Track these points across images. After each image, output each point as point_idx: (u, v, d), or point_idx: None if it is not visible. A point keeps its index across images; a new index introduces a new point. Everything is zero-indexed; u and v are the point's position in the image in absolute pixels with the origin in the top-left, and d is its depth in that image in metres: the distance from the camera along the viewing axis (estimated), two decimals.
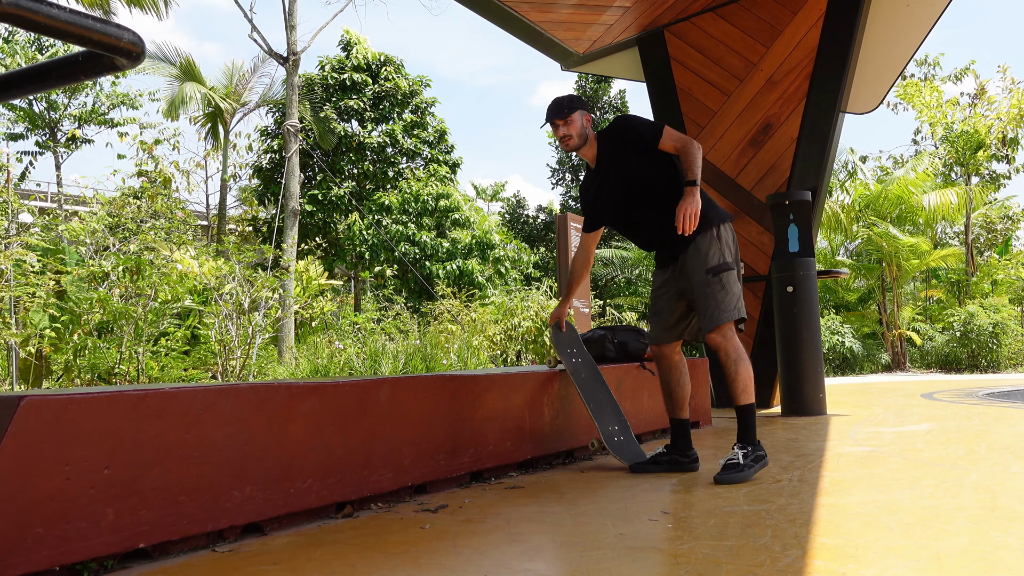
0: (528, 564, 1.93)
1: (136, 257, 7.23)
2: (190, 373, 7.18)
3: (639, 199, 3.27)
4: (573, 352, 3.72)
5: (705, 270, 3.11)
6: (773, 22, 6.30)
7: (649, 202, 3.26)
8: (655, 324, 3.38)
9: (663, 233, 3.23)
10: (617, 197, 3.33)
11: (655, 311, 3.38)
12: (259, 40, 13.76)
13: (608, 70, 7.37)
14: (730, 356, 3.13)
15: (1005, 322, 14.20)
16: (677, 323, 3.31)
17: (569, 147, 3.35)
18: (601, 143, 3.36)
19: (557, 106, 3.32)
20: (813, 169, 6.12)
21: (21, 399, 1.78)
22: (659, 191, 3.23)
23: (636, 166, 3.24)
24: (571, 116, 3.30)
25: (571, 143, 3.33)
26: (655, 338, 3.39)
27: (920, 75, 18.90)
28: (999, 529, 2.13)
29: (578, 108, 3.33)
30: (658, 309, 3.35)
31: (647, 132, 3.24)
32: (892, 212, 15.70)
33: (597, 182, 3.39)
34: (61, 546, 1.82)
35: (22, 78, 1.19)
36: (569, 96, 3.38)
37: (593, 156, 3.39)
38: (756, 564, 1.85)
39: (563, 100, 3.36)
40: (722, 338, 3.11)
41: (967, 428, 4.62)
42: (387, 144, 17.48)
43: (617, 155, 3.30)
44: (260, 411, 2.33)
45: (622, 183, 3.29)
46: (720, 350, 3.13)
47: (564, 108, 3.32)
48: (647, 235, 3.36)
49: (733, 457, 3.08)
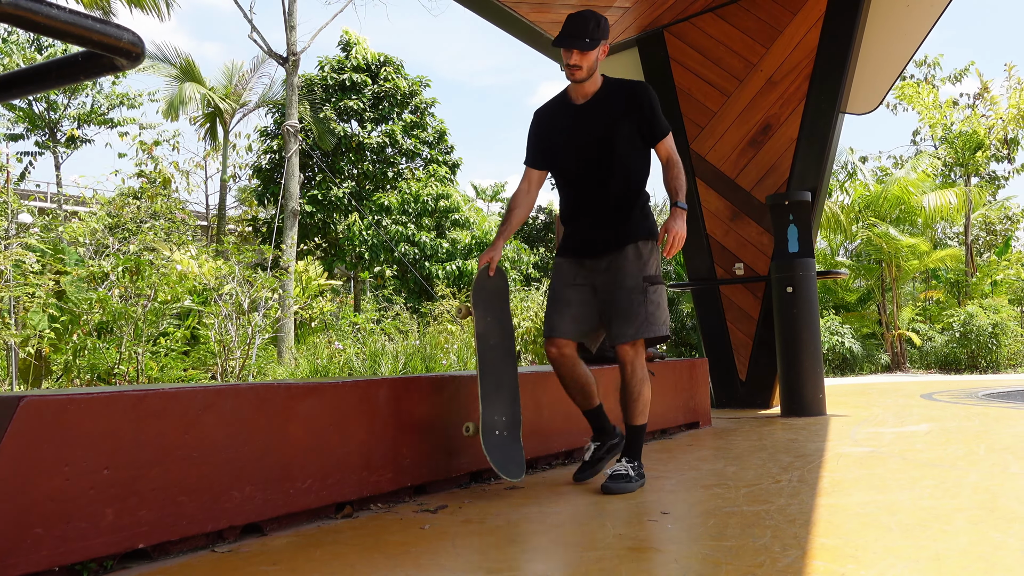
0: (528, 564, 1.93)
1: (136, 257, 7.23)
2: (189, 373, 7.18)
3: (609, 170, 2.93)
4: (493, 308, 3.01)
5: (643, 276, 2.89)
6: (773, 23, 6.30)
7: (618, 179, 2.93)
8: (561, 314, 2.96)
9: (616, 214, 2.93)
10: (590, 158, 2.95)
11: (563, 300, 2.98)
12: (259, 40, 13.76)
13: (608, 71, 7.30)
14: (636, 374, 2.90)
15: (1004, 323, 14.21)
16: (586, 320, 2.98)
17: (575, 78, 2.91)
18: (606, 91, 2.97)
19: (582, 27, 2.82)
20: (813, 169, 6.12)
21: (21, 399, 1.78)
22: (632, 174, 2.95)
23: (626, 140, 2.92)
24: (593, 48, 2.84)
25: (578, 75, 2.90)
26: (560, 329, 2.95)
27: (920, 76, 18.91)
28: (998, 530, 2.13)
29: (603, 39, 2.89)
30: (567, 299, 2.97)
31: (660, 121, 2.95)
32: (892, 213, 15.71)
33: (572, 124, 2.96)
34: (60, 546, 1.82)
35: (22, 78, 1.19)
36: (597, 18, 2.88)
37: (587, 95, 2.96)
38: (756, 565, 1.85)
39: (590, 22, 2.85)
40: (635, 353, 2.88)
41: (967, 429, 4.62)
42: (387, 144, 17.49)
43: (618, 115, 2.92)
44: (260, 411, 2.33)
45: (602, 146, 2.92)
46: (629, 365, 2.88)
47: (589, 36, 2.83)
48: (598, 210, 2.96)
49: (622, 469, 2.87)
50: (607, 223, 2.95)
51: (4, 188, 10.34)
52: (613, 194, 2.94)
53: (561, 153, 3.01)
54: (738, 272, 6.46)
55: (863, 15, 6.03)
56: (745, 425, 5.19)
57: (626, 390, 2.92)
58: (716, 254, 6.56)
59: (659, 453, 3.95)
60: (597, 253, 2.96)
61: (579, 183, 3.01)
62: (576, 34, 2.83)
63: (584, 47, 2.83)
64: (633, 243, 2.91)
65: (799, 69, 6.20)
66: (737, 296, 6.52)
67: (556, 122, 3.02)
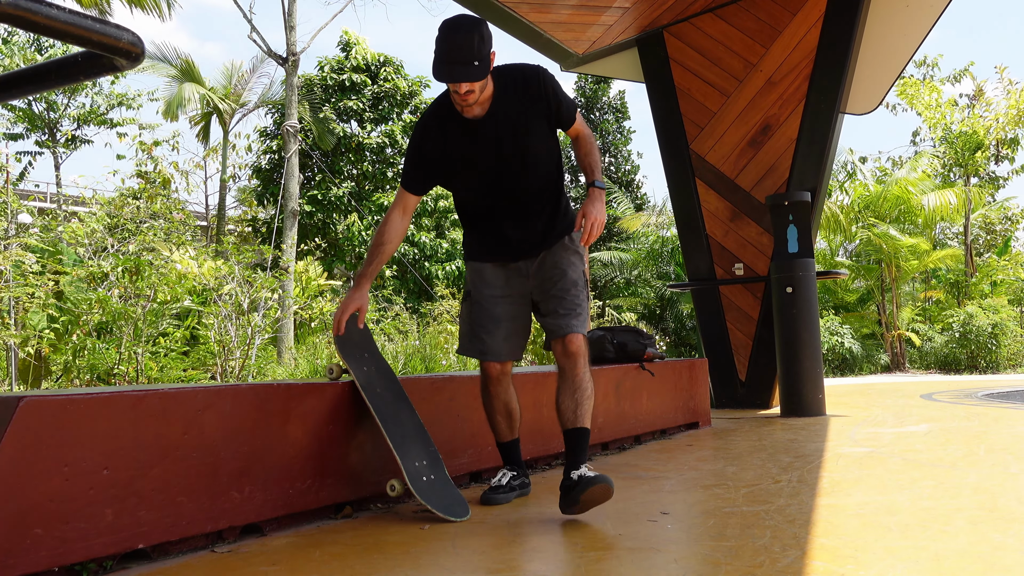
0: (528, 564, 1.93)
1: (135, 258, 7.23)
2: (189, 374, 7.18)
3: (528, 176, 2.58)
4: (365, 358, 2.72)
5: (582, 270, 2.64)
6: (772, 23, 6.30)
7: (539, 179, 2.61)
8: (493, 334, 2.66)
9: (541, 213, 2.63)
10: (503, 171, 2.55)
11: (492, 318, 2.66)
12: (258, 40, 13.77)
13: (607, 71, 7.38)
14: (588, 368, 2.55)
15: (1004, 323, 14.21)
16: (521, 333, 2.73)
17: (471, 106, 2.40)
18: (501, 92, 2.47)
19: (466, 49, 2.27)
20: (812, 170, 6.12)
21: (20, 400, 1.78)
22: (552, 170, 2.64)
23: (540, 139, 2.54)
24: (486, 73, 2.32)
25: (472, 99, 2.37)
26: (494, 351, 2.67)
27: (919, 76, 18.91)
28: (998, 530, 2.13)
29: (491, 50, 2.35)
30: (497, 316, 2.66)
31: (566, 101, 2.54)
32: (891, 213, 15.71)
33: (474, 141, 2.50)
34: (60, 547, 1.81)
35: (22, 78, 1.19)
36: (479, 27, 2.31)
37: (484, 107, 2.47)
38: (755, 565, 1.85)
39: (473, 36, 2.28)
40: (585, 346, 2.56)
41: (966, 429, 4.62)
42: (386, 144, 17.49)
43: (525, 117, 2.49)
44: (259, 411, 2.33)
45: (516, 158, 2.52)
46: (582, 358, 2.52)
47: (477, 58, 2.28)
48: (520, 213, 2.62)
49: (587, 473, 2.42)
50: (534, 224, 2.63)
51: (4, 188, 10.34)
52: (536, 196, 2.63)
53: (464, 172, 2.58)
54: (738, 272, 6.47)
55: (863, 15, 6.03)
56: (745, 425, 5.19)
57: (578, 388, 2.50)
58: (716, 254, 6.56)
59: (659, 453, 3.95)
60: (526, 255, 2.65)
61: (493, 194, 2.61)
62: (461, 59, 2.27)
63: (476, 75, 2.29)
64: (567, 235, 2.65)
65: (799, 69, 6.20)
66: (737, 296, 6.52)
67: (452, 140, 2.52)
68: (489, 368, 2.72)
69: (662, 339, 16.01)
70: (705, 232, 6.58)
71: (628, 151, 22.47)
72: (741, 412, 6.20)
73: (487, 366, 2.72)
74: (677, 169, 6.68)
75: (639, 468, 3.47)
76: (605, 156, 22.34)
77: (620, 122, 22.39)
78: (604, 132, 22.20)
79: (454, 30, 2.30)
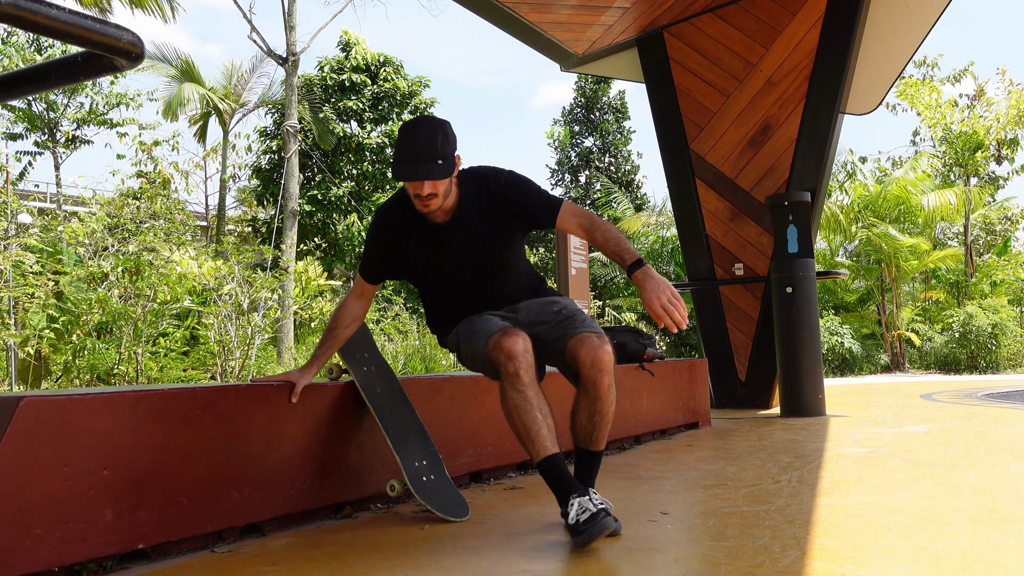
0: (527, 564, 1.93)
1: (136, 258, 7.23)
2: (189, 374, 7.18)
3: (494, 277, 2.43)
4: (364, 358, 2.69)
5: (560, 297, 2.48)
6: (772, 23, 6.30)
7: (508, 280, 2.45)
8: (493, 318, 2.33)
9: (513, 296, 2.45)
10: (467, 275, 2.40)
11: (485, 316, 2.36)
12: (258, 41, 13.76)
13: (607, 71, 7.38)
14: (614, 387, 2.29)
15: (1004, 323, 14.21)
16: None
17: (431, 209, 2.24)
18: (468, 198, 2.33)
19: (428, 146, 2.16)
20: (812, 170, 6.13)
21: (20, 399, 1.78)
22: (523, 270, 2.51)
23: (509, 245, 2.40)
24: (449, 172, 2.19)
25: (434, 203, 2.22)
26: (504, 323, 2.28)
27: (919, 76, 18.92)
28: (998, 530, 2.13)
29: (454, 150, 2.23)
30: (488, 316, 2.37)
31: (544, 203, 2.34)
32: (891, 213, 15.71)
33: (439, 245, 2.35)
34: (60, 547, 1.81)
35: (21, 79, 1.19)
36: (442, 126, 2.21)
37: (448, 212, 2.32)
38: (755, 565, 1.85)
39: (436, 133, 2.18)
40: (613, 363, 2.29)
41: (966, 429, 4.62)
42: (386, 145, 17.49)
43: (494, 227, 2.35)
44: (259, 411, 2.33)
45: (485, 266, 2.39)
46: (609, 375, 2.25)
47: (440, 156, 2.17)
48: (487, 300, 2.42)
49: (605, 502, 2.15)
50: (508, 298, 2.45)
51: (4, 188, 10.34)
52: (509, 285, 2.45)
53: (426, 272, 2.43)
54: (738, 272, 6.47)
55: (863, 15, 6.03)
56: (745, 425, 5.19)
57: (599, 411, 2.28)
58: (716, 254, 6.56)
59: (659, 453, 3.95)
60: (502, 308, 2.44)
61: (459, 288, 2.44)
62: (422, 158, 2.15)
63: (439, 174, 2.16)
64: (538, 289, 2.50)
65: (799, 69, 6.20)
66: (737, 296, 6.52)
67: (414, 240, 2.37)
68: (510, 345, 2.12)
69: (662, 339, 16.01)
70: (705, 232, 6.58)
71: (628, 151, 22.47)
72: (741, 412, 6.20)
73: (506, 343, 2.12)
74: (677, 169, 6.68)
75: (639, 468, 3.47)
76: (605, 156, 22.35)
77: (620, 122, 22.40)
78: (604, 132, 22.21)
79: (416, 129, 2.19)
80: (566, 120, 22.82)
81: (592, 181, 22.08)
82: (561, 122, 22.90)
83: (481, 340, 2.23)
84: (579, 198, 21.99)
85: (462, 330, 2.37)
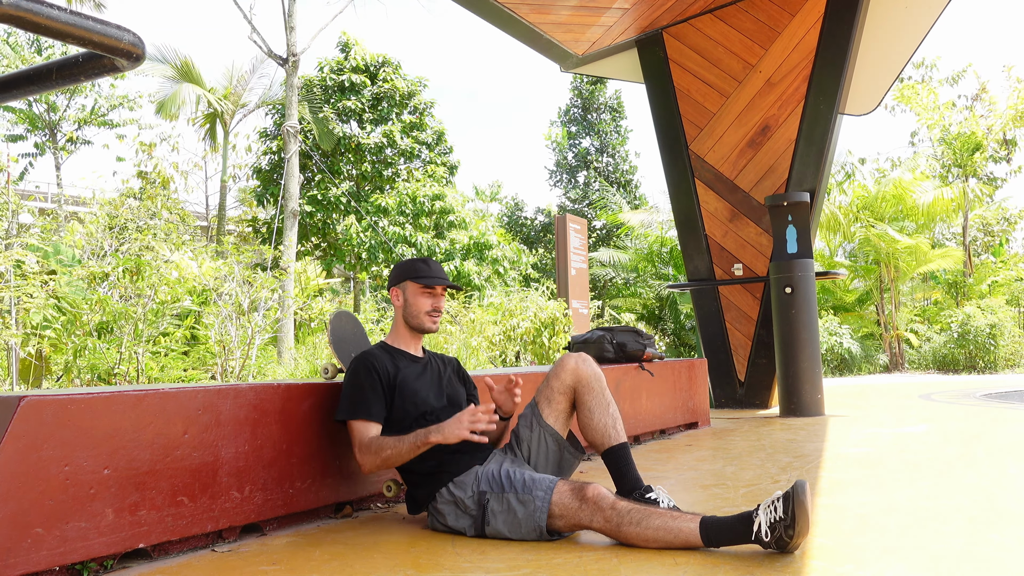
0: (527, 565, 1.94)
1: (136, 258, 7.23)
2: (189, 374, 7.18)
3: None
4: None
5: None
6: (771, 24, 6.31)
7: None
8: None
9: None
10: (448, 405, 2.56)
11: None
12: (258, 41, 13.76)
13: (607, 71, 7.39)
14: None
15: (1002, 323, 14.21)
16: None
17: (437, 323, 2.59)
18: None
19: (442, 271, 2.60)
20: (811, 170, 6.13)
21: (21, 399, 1.78)
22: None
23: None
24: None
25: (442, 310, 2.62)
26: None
27: (917, 77, 18.93)
28: (996, 530, 2.14)
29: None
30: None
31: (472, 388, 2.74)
32: (890, 213, 15.71)
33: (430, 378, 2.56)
34: (60, 546, 1.82)
35: (22, 79, 1.20)
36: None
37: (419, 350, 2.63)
38: (755, 564, 1.86)
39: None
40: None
41: (965, 429, 4.62)
42: (385, 145, 17.49)
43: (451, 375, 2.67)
44: (259, 411, 2.34)
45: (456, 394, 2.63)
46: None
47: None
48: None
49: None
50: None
51: (4, 188, 10.34)
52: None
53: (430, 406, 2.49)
54: (737, 273, 6.47)
55: (862, 16, 6.04)
56: (744, 425, 5.19)
57: (611, 403, 2.49)
58: (715, 255, 6.57)
59: (658, 453, 3.96)
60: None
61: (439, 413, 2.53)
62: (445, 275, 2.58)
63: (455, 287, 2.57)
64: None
65: (798, 70, 6.21)
66: (736, 297, 6.52)
67: (409, 373, 2.51)
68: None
69: (661, 339, 16.02)
70: (704, 232, 6.59)
71: (626, 151, 22.49)
72: (740, 412, 6.20)
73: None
74: (676, 170, 6.69)
75: (638, 468, 3.47)
76: (602, 156, 22.36)
77: (617, 122, 22.41)
78: (602, 132, 22.22)
79: (429, 259, 2.62)
80: (563, 121, 22.83)
81: (590, 181, 22.09)
82: (558, 123, 22.92)
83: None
84: (577, 199, 22.01)
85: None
